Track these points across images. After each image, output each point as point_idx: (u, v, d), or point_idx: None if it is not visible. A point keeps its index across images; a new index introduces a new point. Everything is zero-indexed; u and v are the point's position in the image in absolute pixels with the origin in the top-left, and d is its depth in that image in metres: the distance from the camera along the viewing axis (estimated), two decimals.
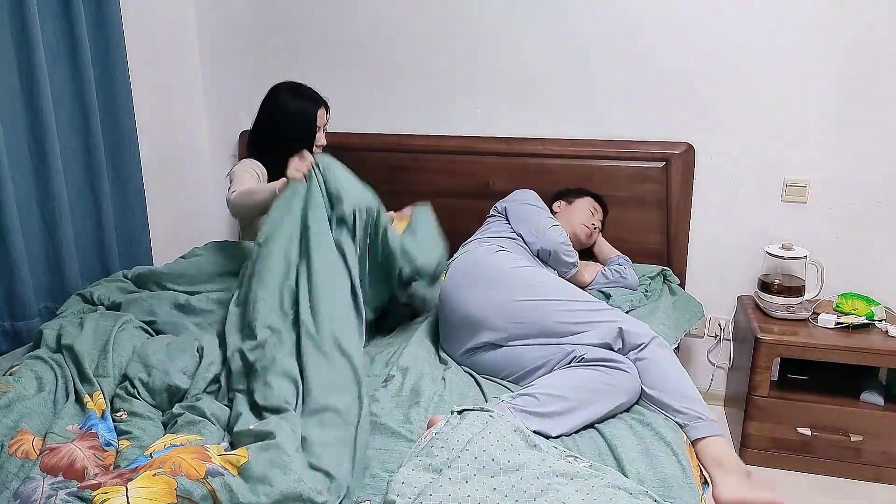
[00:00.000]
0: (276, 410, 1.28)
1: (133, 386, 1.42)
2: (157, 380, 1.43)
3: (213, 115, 2.81)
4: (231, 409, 1.37)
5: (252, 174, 2.04)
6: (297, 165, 1.72)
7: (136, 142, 2.28)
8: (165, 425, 1.35)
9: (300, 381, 1.36)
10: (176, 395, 1.43)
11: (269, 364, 1.38)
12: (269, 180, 2.04)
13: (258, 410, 1.31)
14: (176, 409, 1.37)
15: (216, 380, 1.49)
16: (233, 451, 1.13)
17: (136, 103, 2.29)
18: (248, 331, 1.52)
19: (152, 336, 1.66)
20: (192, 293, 1.84)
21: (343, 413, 1.29)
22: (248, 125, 2.76)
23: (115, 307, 1.81)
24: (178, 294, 1.83)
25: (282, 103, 2.08)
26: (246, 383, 1.40)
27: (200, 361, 1.52)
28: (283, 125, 2.08)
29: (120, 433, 1.29)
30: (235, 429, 1.26)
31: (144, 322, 1.71)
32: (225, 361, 1.51)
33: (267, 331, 1.47)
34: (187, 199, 2.75)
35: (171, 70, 2.61)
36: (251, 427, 1.23)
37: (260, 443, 1.15)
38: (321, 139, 2.15)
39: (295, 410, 1.29)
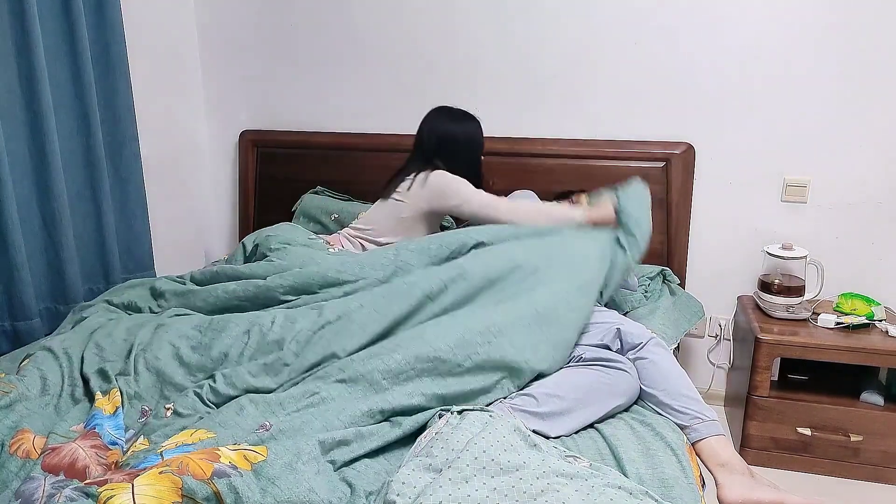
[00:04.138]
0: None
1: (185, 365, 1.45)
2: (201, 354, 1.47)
3: (213, 115, 2.81)
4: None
5: None
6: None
7: (137, 142, 2.28)
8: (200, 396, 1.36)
9: None
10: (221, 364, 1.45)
11: None
12: None
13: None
14: (218, 379, 1.38)
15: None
16: (252, 447, 1.12)
17: (136, 103, 2.29)
18: None
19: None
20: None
21: None
22: (248, 125, 2.78)
23: (182, 294, 1.78)
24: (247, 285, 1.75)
25: (452, 129, 2.13)
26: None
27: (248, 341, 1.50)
28: (461, 148, 2.12)
29: (149, 431, 1.26)
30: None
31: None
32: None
33: None
34: (187, 199, 2.75)
35: (171, 70, 2.61)
36: None
37: (283, 444, 1.14)
38: None
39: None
